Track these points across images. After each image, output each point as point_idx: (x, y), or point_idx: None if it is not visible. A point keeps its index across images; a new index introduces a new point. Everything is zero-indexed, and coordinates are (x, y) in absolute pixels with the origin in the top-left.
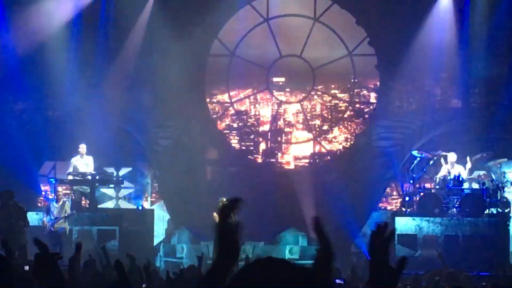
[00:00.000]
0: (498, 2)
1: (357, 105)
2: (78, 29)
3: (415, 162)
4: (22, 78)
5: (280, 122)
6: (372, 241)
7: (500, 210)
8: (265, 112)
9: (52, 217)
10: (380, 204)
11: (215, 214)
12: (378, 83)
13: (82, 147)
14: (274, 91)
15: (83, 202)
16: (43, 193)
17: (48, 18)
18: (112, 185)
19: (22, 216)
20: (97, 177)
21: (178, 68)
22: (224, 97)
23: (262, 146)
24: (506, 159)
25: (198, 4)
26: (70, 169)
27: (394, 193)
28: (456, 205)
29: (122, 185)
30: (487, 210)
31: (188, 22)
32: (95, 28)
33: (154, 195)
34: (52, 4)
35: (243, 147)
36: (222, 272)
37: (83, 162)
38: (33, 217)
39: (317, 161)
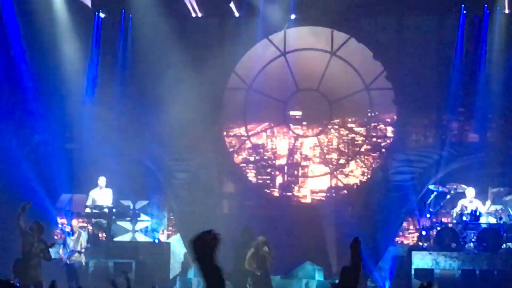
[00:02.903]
0: None
1: (374, 139)
2: (96, 63)
3: (432, 196)
4: (39, 111)
5: (297, 156)
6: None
7: None
8: (282, 145)
9: (68, 250)
10: (397, 239)
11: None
12: (395, 117)
13: (102, 180)
14: (291, 124)
15: (100, 235)
16: (60, 225)
17: (66, 55)
18: (128, 218)
19: (44, 250)
20: (114, 210)
21: (195, 101)
22: (241, 131)
23: (279, 179)
24: None
25: (216, 38)
26: (89, 202)
27: (411, 227)
28: (473, 240)
29: (138, 218)
30: (504, 245)
31: (205, 56)
32: (113, 61)
33: (170, 228)
34: (70, 44)
35: (260, 181)
36: None
37: (102, 195)
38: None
39: (334, 195)
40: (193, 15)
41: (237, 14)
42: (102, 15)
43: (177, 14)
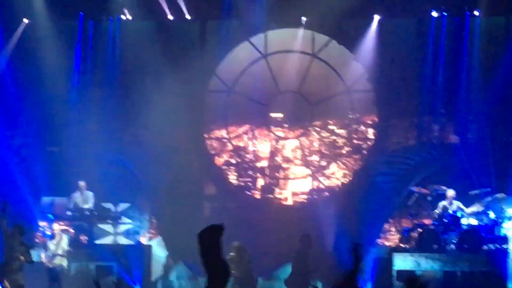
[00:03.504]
0: (494, 39)
1: (355, 141)
2: (77, 67)
3: (413, 198)
4: (21, 114)
5: (278, 158)
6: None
7: (499, 246)
8: (263, 148)
9: (50, 253)
10: (379, 240)
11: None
12: (376, 119)
13: (81, 184)
14: (272, 126)
15: (81, 238)
16: (41, 229)
17: (48, 58)
18: (110, 221)
19: (25, 252)
20: (95, 213)
21: (176, 104)
22: (222, 133)
23: (260, 182)
24: (504, 195)
25: (196, 40)
26: (70, 205)
27: (392, 229)
28: (454, 241)
29: (120, 221)
30: (485, 246)
31: (186, 58)
32: (94, 65)
33: (152, 231)
34: (52, 47)
35: (241, 183)
36: None
37: (83, 198)
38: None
39: (315, 197)
40: (171, 18)
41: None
42: (84, 18)
43: (157, 17)
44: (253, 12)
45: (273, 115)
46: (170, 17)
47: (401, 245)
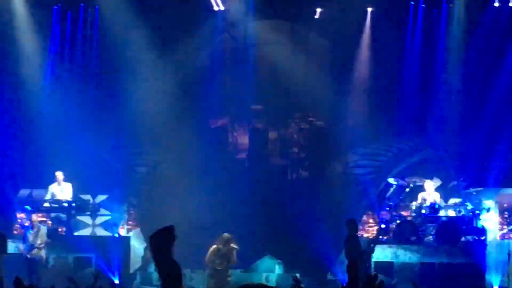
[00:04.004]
0: (472, 36)
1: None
2: (54, 55)
3: (391, 189)
4: None
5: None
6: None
7: (476, 238)
8: (243, 139)
9: (28, 244)
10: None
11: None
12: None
13: (59, 174)
14: (252, 119)
15: (59, 229)
16: (19, 220)
17: (24, 46)
18: (88, 213)
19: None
20: (74, 205)
21: (155, 95)
22: None
23: None
24: (482, 188)
25: (177, 33)
26: (48, 196)
27: (371, 220)
28: (432, 233)
29: (98, 213)
30: (463, 238)
31: (166, 51)
32: (72, 54)
33: (130, 222)
34: (28, 35)
35: None
36: None
37: (61, 189)
38: (9, 245)
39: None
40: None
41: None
42: (62, 8)
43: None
44: (234, 3)
45: (253, 107)
46: None
47: (380, 236)
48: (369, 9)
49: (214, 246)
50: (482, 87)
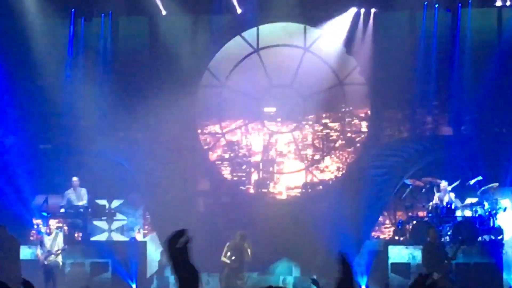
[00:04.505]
0: (487, 30)
1: (349, 134)
2: (71, 64)
3: (407, 190)
4: (13, 112)
5: (272, 152)
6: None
7: (493, 237)
8: (257, 142)
9: (45, 250)
10: (373, 233)
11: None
12: (369, 112)
13: (75, 180)
14: (265, 121)
15: (75, 235)
16: (35, 226)
17: (42, 54)
18: (104, 218)
19: (14, 248)
20: (90, 210)
21: (169, 99)
22: (216, 128)
23: (254, 176)
24: (497, 184)
25: (188, 36)
26: (64, 202)
27: (387, 221)
28: (449, 233)
29: (114, 218)
30: (480, 238)
31: (178, 54)
32: (87, 62)
33: (146, 227)
34: (46, 44)
35: (235, 178)
36: None
37: (77, 195)
38: (25, 251)
39: (309, 190)
40: (164, 12)
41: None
42: (75, 15)
43: (149, 12)
44: (245, 6)
45: (266, 109)
46: (163, 12)
47: (396, 237)
48: (372, 10)
49: (229, 242)
50: (497, 85)
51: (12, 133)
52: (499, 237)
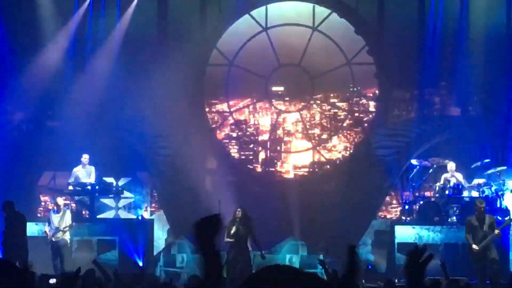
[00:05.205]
0: (495, 10)
1: (356, 114)
2: (75, 40)
3: (415, 170)
4: (21, 89)
5: (280, 131)
6: (409, 262)
7: (500, 218)
8: (264, 121)
9: (53, 228)
10: (380, 213)
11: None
12: (377, 92)
13: (85, 157)
14: (273, 100)
15: (83, 212)
16: (43, 203)
17: (47, 29)
18: (111, 195)
19: (22, 224)
20: (97, 187)
21: (177, 78)
22: (223, 107)
23: (262, 155)
24: (505, 167)
25: (197, 14)
26: (72, 179)
27: (394, 201)
28: (456, 213)
29: (121, 195)
30: None
31: (187, 32)
32: (93, 38)
33: (153, 205)
34: (51, 19)
35: (243, 157)
36: (211, 284)
37: (85, 172)
38: (33, 228)
39: (317, 170)
40: None
41: None
42: None
43: None
44: None
45: (274, 88)
46: None
47: (403, 217)
48: None
49: (229, 223)
50: (506, 65)
51: (19, 110)
52: (506, 218)
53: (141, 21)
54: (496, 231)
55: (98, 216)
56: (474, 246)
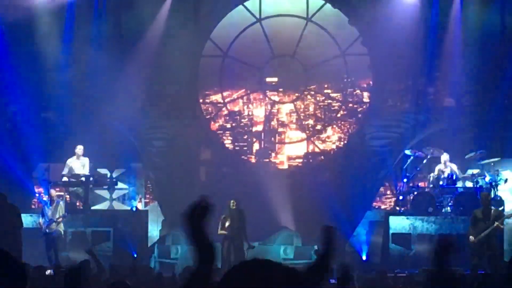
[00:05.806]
0: (489, 1)
1: (350, 105)
2: (70, 30)
3: (409, 161)
4: (15, 80)
5: (274, 122)
6: (437, 252)
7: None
8: (259, 112)
9: (47, 219)
10: (374, 204)
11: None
12: (371, 82)
13: (79, 148)
14: (267, 91)
15: (77, 203)
16: (37, 195)
17: (41, 22)
18: (106, 187)
19: (16, 217)
20: (91, 179)
21: (171, 68)
22: (217, 98)
23: (256, 146)
24: (499, 158)
25: (191, 5)
26: (65, 171)
27: (388, 192)
28: (450, 204)
29: (116, 187)
30: None
31: (180, 23)
32: (88, 28)
33: (148, 196)
34: (45, 10)
35: (237, 148)
36: (205, 274)
37: (79, 164)
38: (27, 219)
39: (311, 160)
40: None
41: None
42: None
43: None
44: None
45: (268, 79)
46: None
47: (397, 208)
48: None
49: (223, 214)
50: (499, 56)
51: (14, 102)
52: (500, 208)
53: (134, 13)
54: (496, 224)
55: (92, 208)
56: (471, 237)
